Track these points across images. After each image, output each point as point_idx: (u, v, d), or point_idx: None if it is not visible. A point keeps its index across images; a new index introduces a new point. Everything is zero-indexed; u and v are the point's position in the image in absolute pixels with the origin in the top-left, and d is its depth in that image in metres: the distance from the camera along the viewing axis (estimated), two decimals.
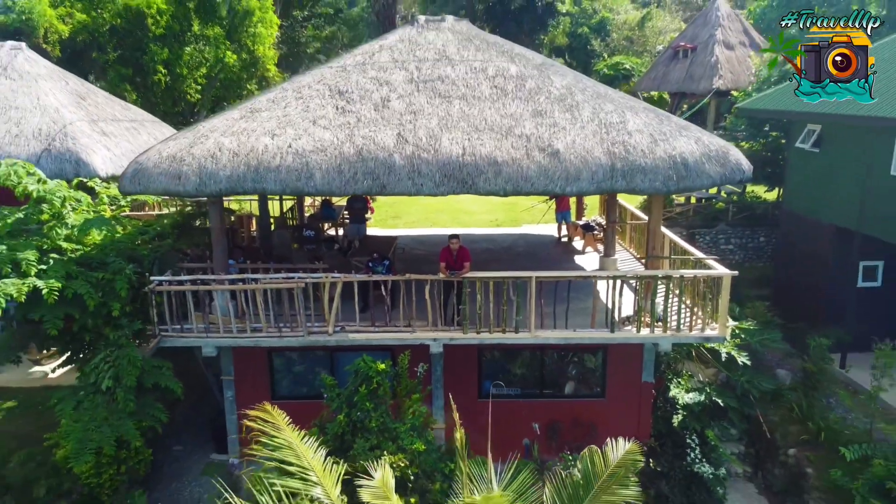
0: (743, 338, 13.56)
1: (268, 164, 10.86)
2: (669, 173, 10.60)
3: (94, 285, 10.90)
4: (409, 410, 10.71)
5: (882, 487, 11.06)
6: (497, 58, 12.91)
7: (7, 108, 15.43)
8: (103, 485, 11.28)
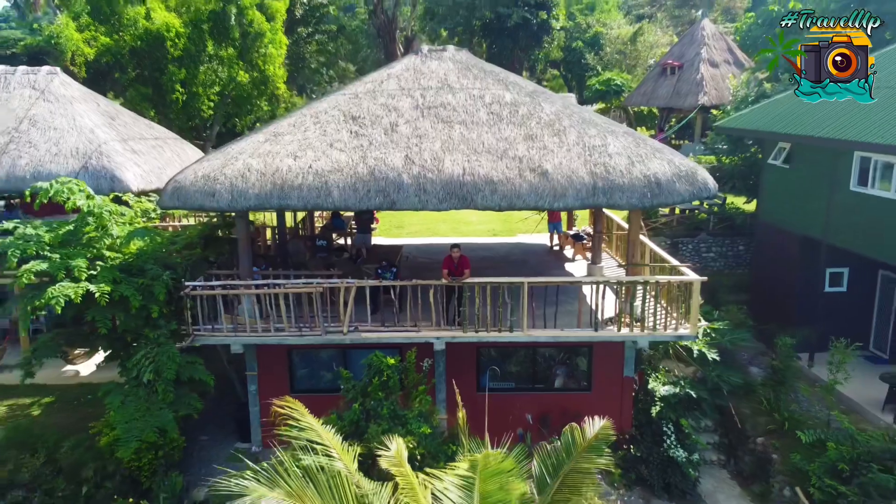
0: (714, 337, 14.95)
1: (291, 183, 12.27)
2: (644, 191, 12.03)
3: (136, 290, 12.27)
4: (416, 400, 12.08)
5: (835, 468, 12.43)
6: (493, 86, 14.35)
7: (47, 129, 16.83)
8: (143, 468, 12.63)
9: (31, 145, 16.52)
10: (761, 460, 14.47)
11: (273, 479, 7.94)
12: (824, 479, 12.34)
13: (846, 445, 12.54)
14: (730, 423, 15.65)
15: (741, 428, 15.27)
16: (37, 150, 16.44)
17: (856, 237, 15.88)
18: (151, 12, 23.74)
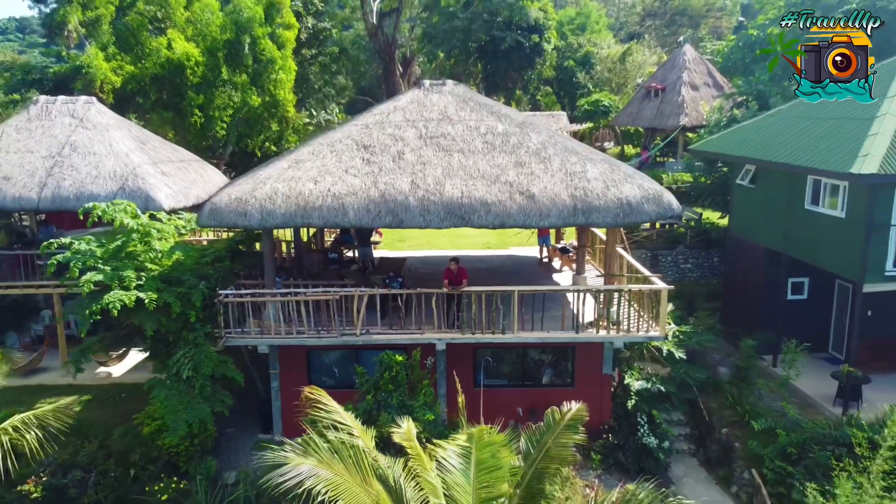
0: (682, 339, 16.74)
1: (312, 204, 14.06)
2: (618, 211, 13.86)
3: (176, 297, 14.00)
4: (420, 392, 13.86)
5: (785, 452, 14.19)
6: (487, 117, 16.21)
7: (87, 154, 18.59)
8: (181, 454, 14.32)
9: (74, 169, 18.28)
10: (725, 448, 16.22)
11: (306, 451, 9.66)
12: (776, 462, 14.12)
13: (795, 433, 14.32)
14: (699, 416, 17.41)
15: (709, 421, 17.04)
16: (79, 173, 18.20)
17: (809, 250, 17.72)
18: (173, 42, 25.60)
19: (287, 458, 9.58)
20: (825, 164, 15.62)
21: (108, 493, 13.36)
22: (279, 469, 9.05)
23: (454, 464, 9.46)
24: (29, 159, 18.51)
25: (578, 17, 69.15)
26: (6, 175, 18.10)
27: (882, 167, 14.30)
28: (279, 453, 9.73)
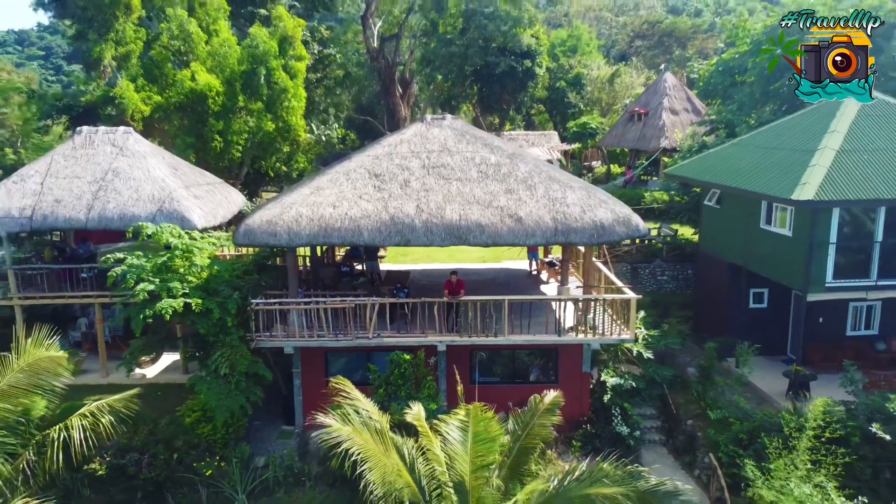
0: (650, 342, 19.00)
1: (332, 226, 16.36)
2: (592, 232, 16.19)
3: (216, 305, 16.24)
4: (425, 387, 16.11)
5: (737, 438, 16.44)
6: (482, 150, 18.56)
7: (128, 179, 20.85)
8: (217, 441, 16.51)
9: (117, 192, 20.52)
10: (690, 438, 18.46)
11: (344, 421, 11.89)
12: (729, 447, 16.36)
13: (746, 422, 16.59)
14: (669, 411, 19.66)
15: (676, 414, 19.29)
16: (121, 197, 20.44)
17: (765, 264, 20.06)
18: (196, 74, 27.92)
19: (332, 426, 11.86)
20: (773, 191, 17.98)
21: (160, 472, 15.54)
22: (327, 429, 11.33)
23: (454, 436, 11.72)
24: (77, 184, 20.76)
25: (570, 39, 71.78)
26: (57, 198, 20.35)
27: (818, 194, 16.67)
28: (325, 419, 11.98)
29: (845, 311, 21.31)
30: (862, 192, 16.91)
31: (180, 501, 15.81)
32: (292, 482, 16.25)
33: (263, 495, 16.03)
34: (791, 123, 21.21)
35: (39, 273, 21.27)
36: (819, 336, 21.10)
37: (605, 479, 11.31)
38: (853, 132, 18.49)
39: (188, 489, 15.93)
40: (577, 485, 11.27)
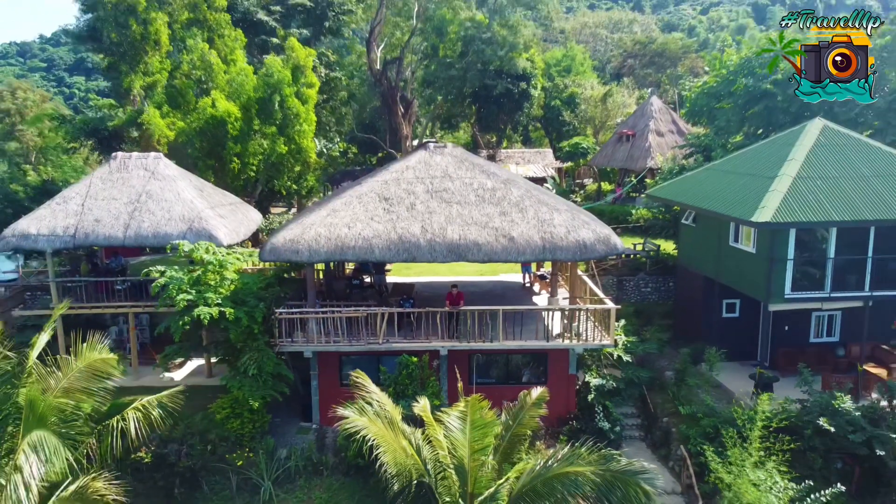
0: (629, 347, 21.07)
1: (347, 245, 18.47)
2: (576, 250, 18.31)
3: (245, 313, 18.31)
4: (429, 386, 18.16)
5: (704, 432, 18.47)
6: (479, 175, 20.71)
7: (161, 200, 22.97)
8: (245, 434, 18.51)
9: (150, 212, 22.63)
10: (665, 433, 20.49)
11: (361, 412, 13.93)
12: (697, 440, 18.39)
13: (711, 417, 18.63)
14: (647, 410, 21.70)
15: (654, 412, 21.33)
16: (154, 216, 22.55)
17: (733, 277, 22.17)
18: (216, 102, 30.10)
19: (349, 416, 13.92)
20: (737, 213, 20.11)
21: (196, 461, 17.54)
22: (346, 420, 13.39)
23: (455, 425, 13.76)
24: (114, 205, 22.87)
25: (564, 60, 74.17)
26: (97, 218, 22.45)
27: (774, 216, 18.80)
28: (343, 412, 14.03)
29: (809, 320, 23.43)
30: (814, 215, 19.05)
31: (213, 487, 17.82)
32: (311, 471, 18.25)
33: (286, 482, 18.03)
34: (756, 151, 23.41)
35: (78, 285, 23.35)
36: (785, 342, 23.20)
37: (581, 461, 13.36)
38: (809, 160, 20.67)
39: (220, 477, 17.94)
40: (558, 465, 13.32)
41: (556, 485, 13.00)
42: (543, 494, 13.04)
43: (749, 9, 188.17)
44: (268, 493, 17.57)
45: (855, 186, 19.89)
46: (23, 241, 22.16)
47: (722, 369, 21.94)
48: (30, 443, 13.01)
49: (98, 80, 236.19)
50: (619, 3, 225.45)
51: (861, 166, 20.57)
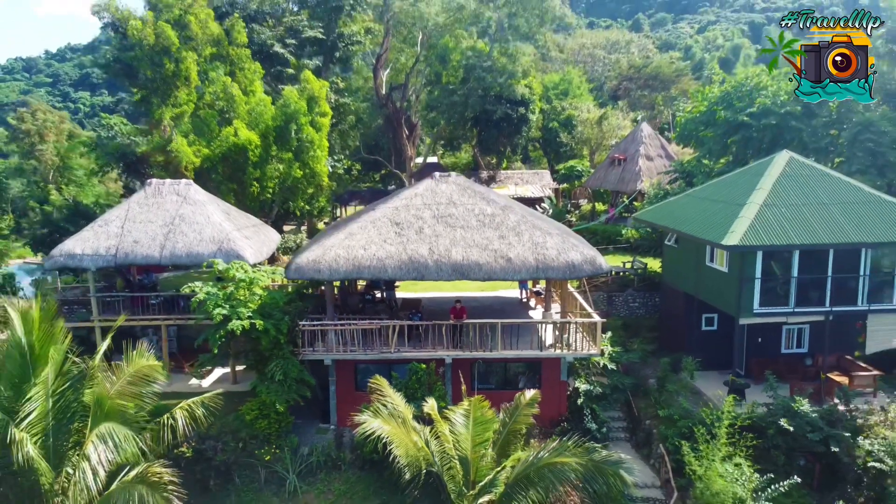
0: (614, 356, 23.23)
1: (363, 265, 20.70)
2: (566, 270, 20.53)
3: (272, 325, 20.50)
4: (435, 391, 20.31)
5: (681, 432, 20.56)
6: (480, 202, 22.98)
7: (192, 223, 25.24)
8: (272, 433, 20.63)
9: (183, 234, 24.90)
10: (648, 434, 22.58)
11: (376, 414, 16.12)
12: (674, 439, 20.50)
13: (687, 419, 20.74)
14: (632, 413, 23.81)
15: (637, 416, 23.44)
16: (187, 238, 24.82)
17: (709, 293, 24.35)
18: (238, 131, 32.49)
19: (364, 419, 16.11)
20: (711, 236, 22.34)
21: (229, 456, 19.64)
22: (365, 422, 15.55)
23: (459, 421, 15.95)
24: (150, 227, 25.15)
25: (562, 83, 76.69)
26: (136, 239, 24.72)
27: (742, 240, 21.00)
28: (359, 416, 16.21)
29: (780, 332, 25.57)
30: (778, 239, 21.27)
31: (244, 480, 19.91)
32: (331, 466, 20.33)
33: (309, 476, 20.12)
34: (730, 180, 25.71)
35: (117, 300, 25.59)
36: (759, 353, 25.33)
37: (568, 453, 15.53)
38: (775, 189, 22.93)
39: (250, 471, 20.05)
40: (548, 455, 15.49)
41: (546, 472, 15.17)
42: (535, 480, 15.18)
43: (745, 27, 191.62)
44: (292, 485, 19.67)
45: (815, 213, 22.13)
46: (69, 260, 24.41)
47: (700, 377, 24.10)
48: (98, 434, 15.20)
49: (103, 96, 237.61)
50: (617, 21, 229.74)
51: (821, 195, 22.83)
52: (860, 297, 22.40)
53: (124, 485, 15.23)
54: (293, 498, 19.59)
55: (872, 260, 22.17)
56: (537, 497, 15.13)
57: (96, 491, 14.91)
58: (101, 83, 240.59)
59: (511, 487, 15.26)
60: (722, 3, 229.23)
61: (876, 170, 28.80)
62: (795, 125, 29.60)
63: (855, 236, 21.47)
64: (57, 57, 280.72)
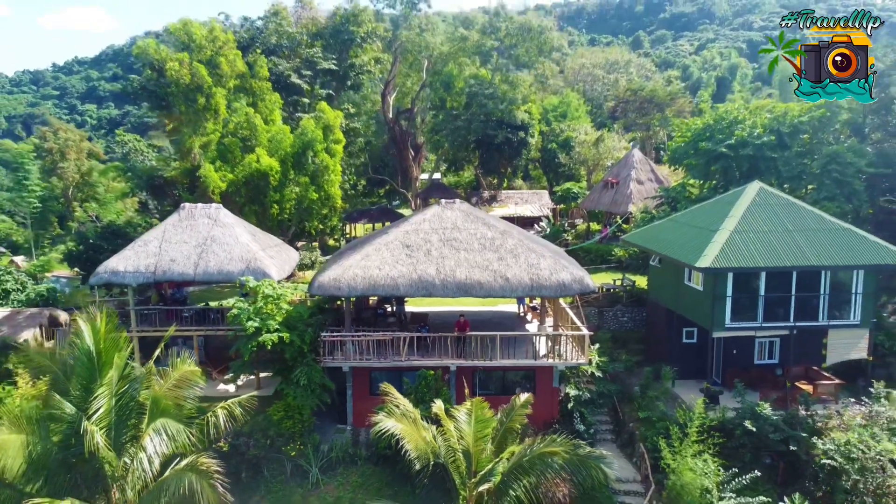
0: (601, 365, 25.69)
1: (378, 283, 23.25)
2: (557, 288, 23.06)
3: (297, 336, 23.02)
4: (441, 395, 22.77)
5: (660, 432, 22.96)
6: (481, 227, 25.57)
7: (223, 244, 27.84)
8: (296, 432, 23.07)
9: (215, 253, 27.49)
10: (631, 436, 24.96)
11: (390, 415, 18.58)
12: (653, 438, 22.91)
13: (664, 421, 23.16)
14: (617, 417, 26.21)
15: (622, 419, 25.85)
16: (218, 257, 27.41)
17: (688, 309, 26.83)
18: (260, 157, 35.22)
19: (379, 419, 18.56)
20: (687, 259, 24.86)
21: (260, 451, 22.09)
22: (380, 421, 18.01)
23: (463, 419, 18.40)
24: (184, 247, 27.76)
25: (561, 106, 79.74)
26: (172, 258, 27.33)
27: (713, 263, 23.52)
28: (380, 415, 18.65)
29: (753, 345, 28.00)
30: (746, 262, 23.78)
31: (272, 472, 22.34)
32: (348, 461, 22.78)
33: (329, 470, 22.55)
34: (707, 207, 28.30)
35: (153, 312, 28.15)
36: (734, 364, 27.74)
37: (555, 446, 17.97)
38: (745, 217, 25.48)
39: (278, 464, 22.49)
40: (538, 447, 17.93)
41: (537, 462, 17.60)
42: (527, 469, 17.61)
43: (744, 45, 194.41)
44: (315, 477, 22.11)
45: (780, 239, 24.67)
46: (113, 276, 27.01)
47: (680, 385, 26.49)
48: (154, 428, 17.68)
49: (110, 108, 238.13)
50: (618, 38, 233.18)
51: (787, 222, 25.37)
52: (821, 314, 24.87)
53: (176, 472, 17.67)
54: (316, 489, 22.02)
55: (831, 280, 24.67)
56: (529, 484, 17.54)
57: (152, 476, 17.38)
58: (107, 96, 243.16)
59: (507, 476, 17.65)
60: (721, 21, 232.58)
61: (844, 197, 31.35)
62: (770, 155, 32.22)
63: (815, 260, 23.99)
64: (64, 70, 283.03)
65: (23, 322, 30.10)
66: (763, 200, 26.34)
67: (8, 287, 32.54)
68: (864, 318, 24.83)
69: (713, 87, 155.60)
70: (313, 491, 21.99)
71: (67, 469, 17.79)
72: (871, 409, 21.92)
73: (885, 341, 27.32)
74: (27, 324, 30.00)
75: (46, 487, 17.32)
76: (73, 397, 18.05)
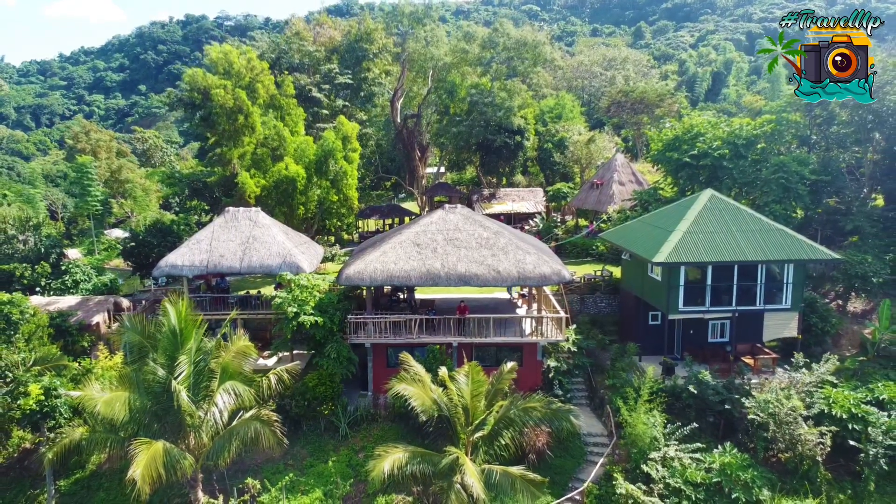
0: (576, 342, 30.39)
1: (394, 275, 27.96)
2: (539, 279, 27.72)
3: (328, 319, 27.77)
4: (446, 365, 27.56)
5: (622, 395, 27.68)
6: (478, 229, 30.22)
7: (263, 242, 32.51)
8: (328, 395, 27.87)
9: (256, 250, 32.19)
10: (601, 400, 29.69)
11: (402, 380, 23.33)
12: (616, 401, 27.63)
13: (626, 386, 27.89)
14: (591, 384, 30.96)
15: (595, 386, 30.61)
16: (259, 253, 32.11)
17: (651, 296, 31.48)
18: (288, 165, 39.88)
19: (393, 384, 23.31)
20: (647, 255, 29.46)
21: (300, 410, 26.93)
22: (396, 387, 22.76)
23: (462, 380, 23.15)
24: (231, 245, 32.48)
25: (556, 108, 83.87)
26: (221, 254, 32.05)
27: (668, 258, 28.10)
28: (394, 381, 23.41)
29: (707, 326, 32.69)
30: (695, 257, 28.37)
31: (310, 427, 27.19)
32: (370, 419, 27.59)
33: (354, 426, 27.38)
34: (668, 210, 32.87)
35: (204, 299, 32.94)
36: (691, 342, 32.42)
37: (533, 401, 22.73)
38: (697, 220, 30.04)
39: (314, 421, 27.32)
40: (520, 403, 22.69)
41: (520, 414, 22.31)
42: (513, 420, 22.30)
43: (743, 37, 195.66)
44: (344, 431, 26.95)
45: (724, 238, 29.24)
46: (172, 269, 31.77)
47: (645, 360, 31.15)
48: (224, 388, 22.44)
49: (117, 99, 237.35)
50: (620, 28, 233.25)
51: (731, 224, 29.93)
52: (758, 300, 29.51)
53: (244, 421, 22.47)
54: (345, 441, 26.88)
55: (766, 272, 29.28)
56: (515, 432, 22.27)
57: (222, 425, 22.18)
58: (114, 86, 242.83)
59: (497, 425, 22.38)
60: (722, 11, 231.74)
61: (789, 199, 35.87)
62: (726, 165, 36.71)
63: (752, 255, 28.57)
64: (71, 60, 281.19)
65: (93, 307, 34.96)
66: (713, 206, 30.89)
67: (77, 278, 37.37)
68: (793, 303, 29.46)
69: (709, 81, 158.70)
70: (343, 442, 26.84)
71: (157, 419, 22.52)
72: (790, 377, 26.59)
73: (818, 323, 31.82)
74: (97, 309, 34.85)
75: (141, 433, 22.06)
76: (161, 364, 22.82)
